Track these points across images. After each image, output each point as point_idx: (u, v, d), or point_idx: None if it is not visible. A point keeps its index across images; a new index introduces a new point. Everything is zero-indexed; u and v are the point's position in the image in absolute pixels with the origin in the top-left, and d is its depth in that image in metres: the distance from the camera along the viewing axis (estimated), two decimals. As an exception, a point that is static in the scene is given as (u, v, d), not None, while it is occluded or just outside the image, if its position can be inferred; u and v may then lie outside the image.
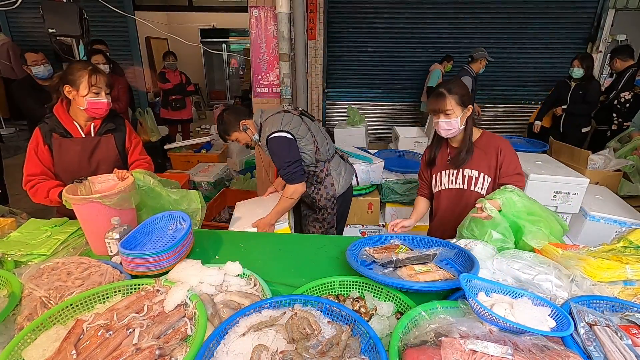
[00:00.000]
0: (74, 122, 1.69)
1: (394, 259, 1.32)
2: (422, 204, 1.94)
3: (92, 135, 1.74)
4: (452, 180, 1.76)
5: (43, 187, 1.62)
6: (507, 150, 1.67)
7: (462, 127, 1.64)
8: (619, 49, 3.97)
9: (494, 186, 1.67)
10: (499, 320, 0.90)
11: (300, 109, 2.26)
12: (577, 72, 3.74)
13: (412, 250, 1.44)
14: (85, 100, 1.62)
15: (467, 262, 1.28)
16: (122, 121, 1.85)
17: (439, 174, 1.81)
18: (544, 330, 0.91)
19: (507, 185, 1.52)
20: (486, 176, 1.69)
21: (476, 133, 1.72)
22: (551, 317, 0.97)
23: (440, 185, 1.81)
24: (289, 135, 1.95)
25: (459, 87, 1.61)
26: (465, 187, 1.73)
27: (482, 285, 1.07)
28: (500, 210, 1.45)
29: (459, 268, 1.32)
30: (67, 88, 1.63)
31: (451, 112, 1.59)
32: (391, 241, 1.53)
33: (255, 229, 1.90)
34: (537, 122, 4.18)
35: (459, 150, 1.71)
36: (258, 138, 2.03)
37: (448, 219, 1.81)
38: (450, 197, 1.79)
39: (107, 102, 1.67)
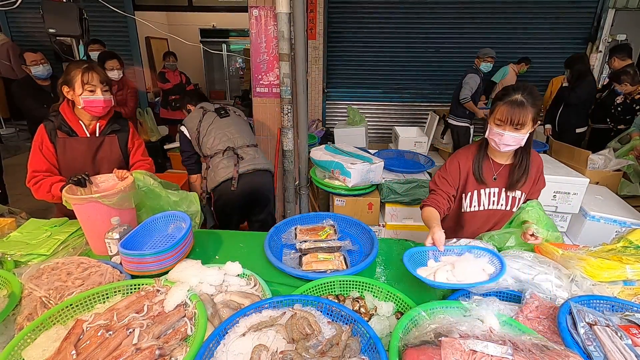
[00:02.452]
0: (80, 122, 1.71)
1: (297, 247, 1.52)
2: (436, 213, 1.50)
3: (97, 135, 1.75)
4: (493, 200, 1.55)
5: (46, 182, 1.62)
6: (542, 167, 1.56)
7: (522, 143, 1.41)
8: (617, 48, 3.97)
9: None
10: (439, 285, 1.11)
11: (219, 105, 2.54)
12: (567, 74, 3.86)
13: (336, 233, 1.65)
14: (81, 99, 1.63)
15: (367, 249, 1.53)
16: (126, 122, 1.86)
17: (476, 192, 1.56)
18: (480, 281, 1.09)
19: (531, 203, 1.50)
20: (524, 195, 1.56)
21: None
22: (490, 264, 1.16)
23: (479, 205, 1.57)
24: (183, 129, 2.40)
25: (538, 98, 1.36)
26: (508, 208, 1.56)
27: (431, 253, 1.28)
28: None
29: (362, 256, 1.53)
30: (65, 88, 1.65)
31: (524, 127, 1.35)
32: (324, 221, 1.72)
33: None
34: (548, 126, 4.17)
35: (513, 169, 1.50)
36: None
37: (449, 224, 1.68)
38: (484, 218, 1.60)
39: (103, 99, 1.66)
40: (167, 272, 1.25)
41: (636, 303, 1.09)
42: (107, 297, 1.14)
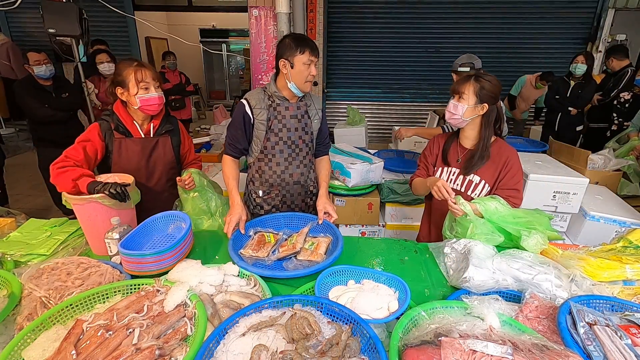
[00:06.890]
0: (134, 122, 1.69)
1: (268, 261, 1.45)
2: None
3: (151, 135, 1.74)
4: (452, 179, 1.70)
5: (76, 171, 1.50)
6: (514, 163, 1.59)
7: (467, 119, 1.56)
8: (614, 49, 4.00)
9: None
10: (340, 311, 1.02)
11: None
12: (581, 67, 3.69)
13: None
14: (137, 99, 1.60)
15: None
16: (176, 121, 1.85)
17: (440, 169, 1.74)
18: (376, 319, 1.04)
19: (492, 195, 1.55)
20: (486, 184, 1.62)
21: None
22: (398, 301, 1.12)
23: None
24: None
25: (488, 81, 1.52)
26: (463, 190, 1.67)
27: (357, 273, 1.27)
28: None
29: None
30: (119, 90, 1.62)
31: (464, 98, 1.53)
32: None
33: None
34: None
35: (471, 153, 1.62)
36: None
37: (439, 221, 1.73)
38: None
39: (157, 96, 1.64)
40: (167, 272, 1.25)
41: (636, 303, 1.09)
42: (107, 297, 1.13)
